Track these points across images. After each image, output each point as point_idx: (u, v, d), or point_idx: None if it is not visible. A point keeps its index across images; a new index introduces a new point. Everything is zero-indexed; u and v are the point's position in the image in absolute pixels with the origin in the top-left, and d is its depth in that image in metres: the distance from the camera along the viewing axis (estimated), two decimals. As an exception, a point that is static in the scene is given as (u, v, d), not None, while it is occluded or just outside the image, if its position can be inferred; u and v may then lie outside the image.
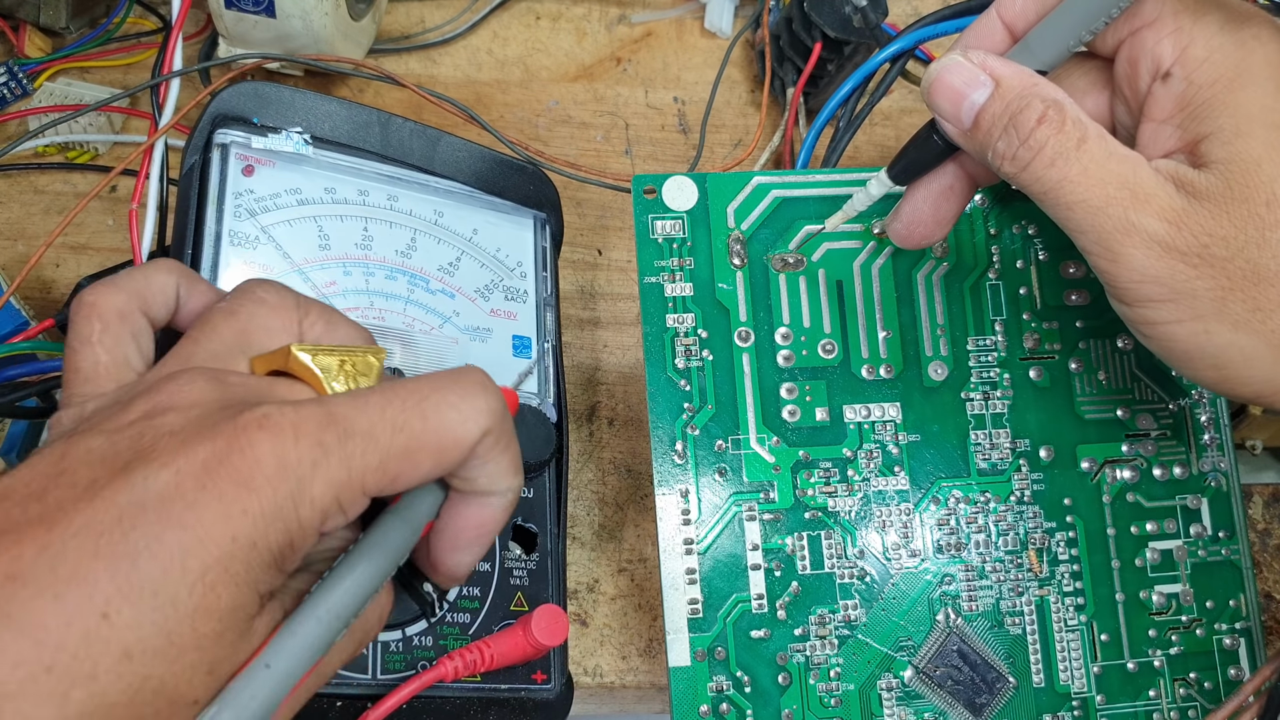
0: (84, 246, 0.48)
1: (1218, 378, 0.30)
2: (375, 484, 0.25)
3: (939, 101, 0.31)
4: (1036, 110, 0.29)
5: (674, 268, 0.38)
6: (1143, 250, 0.28)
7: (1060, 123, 0.29)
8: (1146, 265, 0.28)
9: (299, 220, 0.39)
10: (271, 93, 0.39)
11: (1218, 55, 0.29)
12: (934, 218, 0.34)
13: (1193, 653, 0.38)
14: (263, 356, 0.29)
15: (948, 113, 0.31)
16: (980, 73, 0.30)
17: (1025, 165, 0.29)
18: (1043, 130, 0.29)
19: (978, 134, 0.30)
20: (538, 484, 0.40)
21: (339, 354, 0.28)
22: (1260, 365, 0.29)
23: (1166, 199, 0.28)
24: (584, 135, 0.54)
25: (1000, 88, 0.30)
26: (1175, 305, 0.29)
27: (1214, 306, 0.28)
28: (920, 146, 0.33)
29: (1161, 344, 0.30)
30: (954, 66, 0.30)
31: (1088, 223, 0.29)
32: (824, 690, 0.36)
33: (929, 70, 0.31)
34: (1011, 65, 0.30)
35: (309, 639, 0.25)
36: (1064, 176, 0.29)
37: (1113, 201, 0.28)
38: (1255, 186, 0.28)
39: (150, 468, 0.23)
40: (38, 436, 0.41)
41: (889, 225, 0.35)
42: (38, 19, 0.50)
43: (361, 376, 0.28)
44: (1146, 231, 0.28)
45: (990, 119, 0.30)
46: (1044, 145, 0.29)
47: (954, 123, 0.31)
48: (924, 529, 0.38)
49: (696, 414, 0.37)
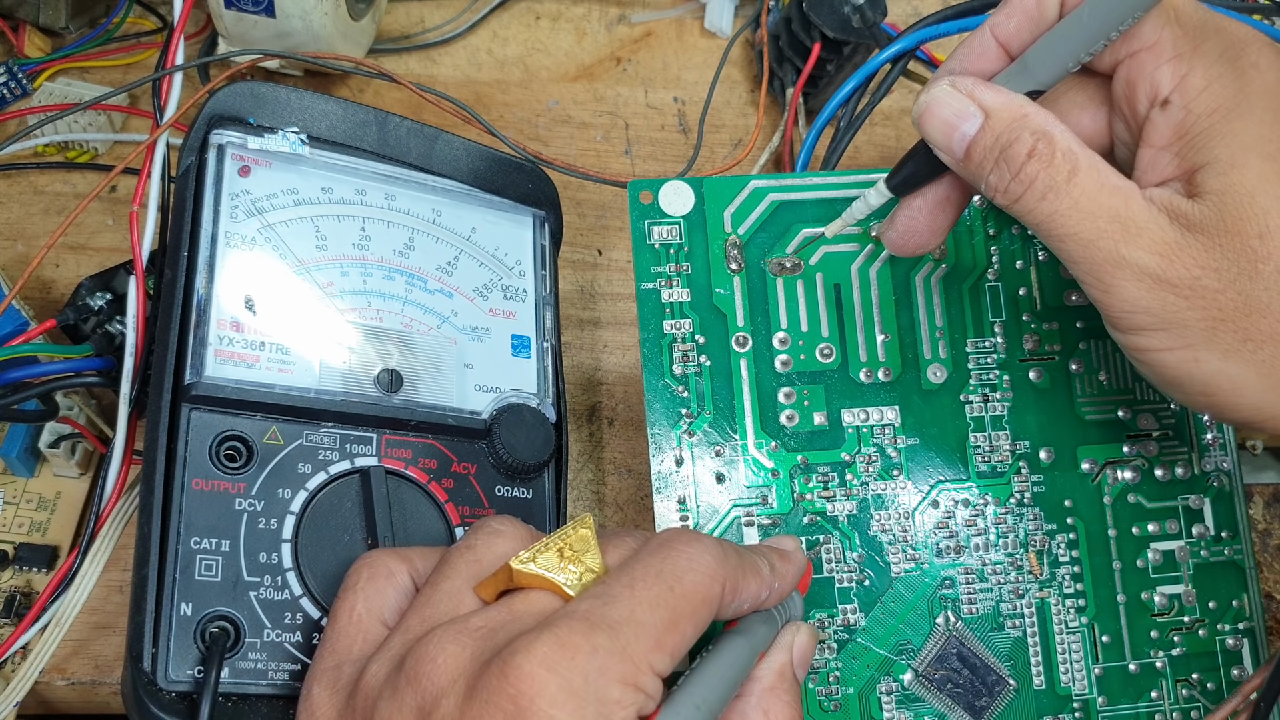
0: (84, 246, 0.48)
1: (1208, 404, 0.30)
2: (660, 663, 0.26)
3: (931, 132, 0.31)
4: (1026, 144, 0.29)
5: (671, 273, 0.38)
6: (1133, 283, 0.29)
7: (1050, 156, 0.29)
8: (1137, 297, 0.29)
9: (296, 220, 0.38)
10: (267, 92, 0.39)
11: (1216, 85, 0.29)
12: (929, 227, 0.34)
13: (1195, 653, 0.38)
14: (485, 582, 0.29)
15: (940, 143, 0.31)
16: (969, 103, 0.30)
17: (1017, 198, 0.29)
18: (1033, 164, 0.29)
19: (970, 165, 0.30)
20: (537, 485, 0.40)
21: (554, 545, 0.29)
22: (1250, 393, 0.29)
23: (1158, 231, 0.29)
24: (584, 135, 0.54)
25: (990, 120, 0.30)
26: (1166, 334, 0.29)
27: (1204, 336, 0.29)
28: (919, 160, 0.33)
29: (1153, 370, 0.30)
30: (943, 98, 0.30)
31: (1079, 255, 0.29)
32: (823, 694, 0.36)
33: (919, 99, 0.31)
34: (1001, 94, 0.30)
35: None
36: (1055, 210, 0.29)
37: (1103, 235, 0.29)
38: (1248, 219, 0.28)
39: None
40: (38, 437, 0.41)
41: (884, 234, 0.35)
42: (37, 19, 0.50)
43: (584, 554, 0.29)
44: (1137, 265, 0.28)
45: (981, 151, 0.30)
46: (1034, 179, 0.29)
47: (947, 152, 0.31)
48: (923, 532, 0.38)
49: (695, 420, 0.37)
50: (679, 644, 0.27)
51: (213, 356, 0.35)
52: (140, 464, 0.35)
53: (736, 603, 0.30)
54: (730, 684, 0.29)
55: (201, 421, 0.35)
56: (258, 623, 0.34)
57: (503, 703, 0.24)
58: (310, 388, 0.36)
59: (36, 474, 0.43)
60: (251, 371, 0.36)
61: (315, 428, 0.36)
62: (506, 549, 0.30)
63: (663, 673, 0.27)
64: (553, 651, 0.25)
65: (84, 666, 0.40)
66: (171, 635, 0.32)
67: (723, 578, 0.29)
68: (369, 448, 0.37)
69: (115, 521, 0.39)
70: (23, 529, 0.42)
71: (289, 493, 0.35)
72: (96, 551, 0.39)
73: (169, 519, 0.34)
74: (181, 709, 0.32)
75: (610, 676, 0.25)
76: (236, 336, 0.36)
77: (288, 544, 0.35)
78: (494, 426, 0.39)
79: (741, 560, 0.30)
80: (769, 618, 0.32)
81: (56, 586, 0.38)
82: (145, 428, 0.35)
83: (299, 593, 0.35)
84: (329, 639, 0.31)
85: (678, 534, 0.29)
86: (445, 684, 0.26)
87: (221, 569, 0.34)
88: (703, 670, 0.29)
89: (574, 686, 0.24)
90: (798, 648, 0.32)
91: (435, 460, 0.38)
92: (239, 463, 0.35)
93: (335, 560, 0.35)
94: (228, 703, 0.33)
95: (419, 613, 0.29)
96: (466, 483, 0.38)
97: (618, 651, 0.25)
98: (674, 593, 0.27)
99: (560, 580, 0.28)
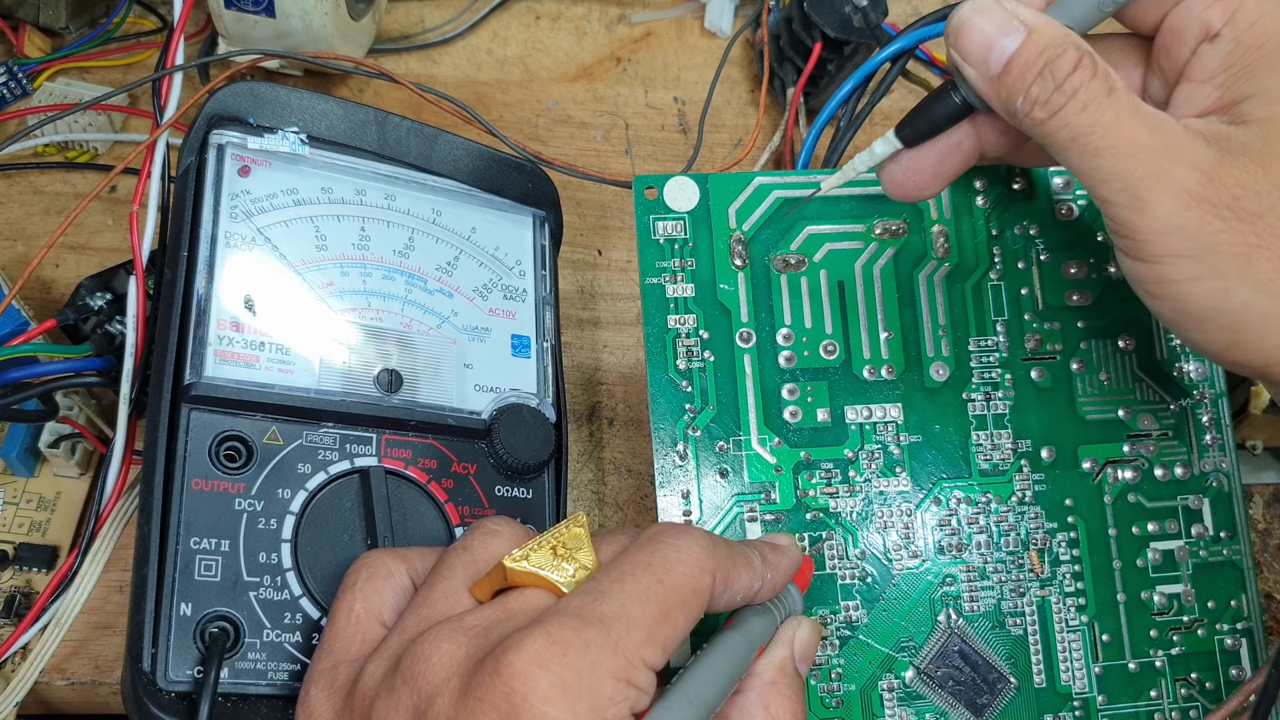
0: (83, 246, 0.48)
1: (1229, 341, 0.29)
2: (652, 656, 0.26)
3: (968, 44, 0.30)
4: (1072, 57, 0.28)
5: (675, 269, 0.38)
6: (1171, 199, 0.28)
7: (1093, 70, 0.28)
8: (1173, 215, 0.28)
9: (296, 221, 0.38)
10: (267, 92, 0.39)
11: (1268, 18, 0.29)
12: (934, 170, 0.33)
13: (1194, 653, 0.38)
14: (480, 582, 0.30)
15: (975, 57, 0.30)
16: (1013, 18, 0.29)
17: (1057, 109, 0.29)
18: (1078, 75, 0.28)
19: (1007, 79, 0.29)
20: (536, 485, 0.40)
21: (548, 544, 0.29)
22: (1276, 331, 0.28)
23: (1199, 150, 0.28)
24: (584, 135, 0.54)
25: (1034, 34, 0.29)
26: (1196, 261, 0.28)
27: (1238, 264, 0.28)
28: (934, 106, 0.32)
29: (1174, 304, 0.29)
30: (986, 9, 0.29)
31: (1116, 170, 0.28)
32: (825, 691, 0.36)
33: (956, 13, 0.30)
34: (1042, 15, 0.29)
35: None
36: (1095, 121, 0.28)
37: (1144, 148, 0.28)
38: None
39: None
40: (38, 437, 0.41)
41: (884, 168, 0.34)
42: (37, 19, 0.50)
43: (578, 552, 0.29)
44: (1177, 180, 0.28)
45: (1023, 64, 0.29)
46: (1078, 90, 0.28)
47: (980, 68, 0.30)
48: (925, 530, 0.38)
49: (698, 415, 0.37)
50: (671, 636, 0.27)
51: (212, 356, 0.35)
52: (140, 464, 0.35)
53: (728, 594, 0.29)
54: (726, 679, 0.29)
55: (201, 421, 0.35)
56: (257, 623, 0.34)
57: (496, 700, 0.24)
58: (310, 388, 0.36)
59: (36, 474, 0.43)
60: (251, 371, 0.36)
61: (315, 428, 0.36)
62: (502, 549, 0.30)
63: (655, 666, 0.27)
64: (544, 648, 0.25)
65: (84, 666, 0.40)
66: (171, 635, 0.32)
67: (712, 568, 0.28)
68: (369, 448, 0.37)
69: (115, 521, 0.39)
70: (23, 529, 0.42)
71: (289, 493, 0.35)
72: (96, 551, 0.39)
73: (169, 519, 0.34)
74: (181, 709, 0.32)
75: (602, 672, 0.25)
76: (236, 336, 0.36)
77: (287, 544, 0.35)
78: (494, 426, 0.39)
79: (731, 551, 0.30)
80: (765, 612, 0.32)
81: (56, 586, 0.38)
82: (145, 428, 0.35)
83: (298, 593, 0.34)
84: (327, 639, 0.31)
85: (666, 527, 0.29)
86: (440, 682, 0.26)
87: (221, 569, 0.34)
88: (697, 666, 0.29)
89: (566, 683, 0.24)
90: (799, 642, 0.31)
91: (435, 460, 0.38)
92: (239, 463, 0.35)
93: (335, 560, 0.35)
94: (227, 703, 0.33)
95: (416, 613, 0.29)
96: (466, 483, 0.38)
97: (609, 646, 0.25)
98: (664, 585, 0.27)
99: (554, 578, 0.28)
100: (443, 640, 0.27)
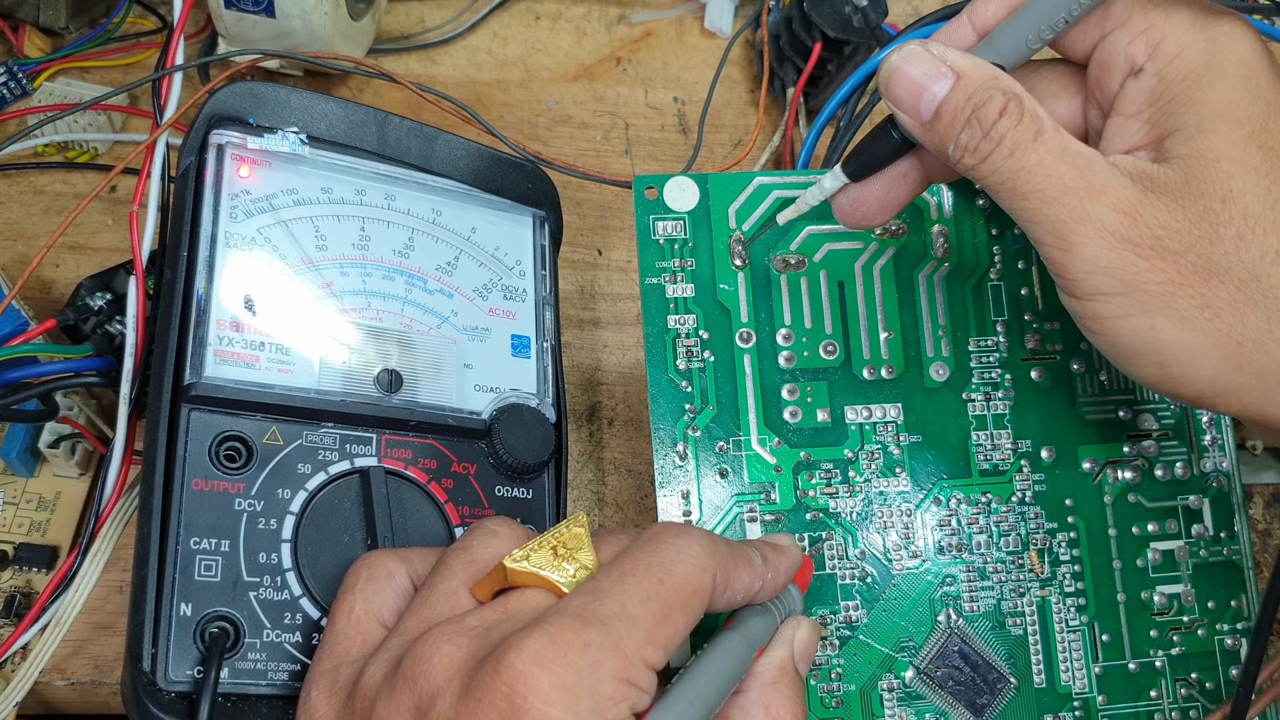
0: (83, 246, 0.48)
1: (1160, 375, 0.29)
2: (652, 656, 0.26)
3: (898, 93, 0.30)
4: (998, 103, 0.29)
5: (675, 269, 0.38)
6: (1095, 240, 0.28)
7: (1019, 114, 0.29)
8: (1098, 256, 0.28)
9: (295, 221, 0.38)
10: (267, 92, 0.39)
11: (1189, 51, 0.29)
12: (880, 202, 0.33)
13: (1194, 653, 0.38)
14: (481, 582, 0.30)
15: (906, 105, 0.30)
16: (940, 64, 0.30)
17: (985, 156, 0.29)
18: (1004, 121, 0.29)
19: (938, 126, 0.30)
20: (536, 485, 0.40)
21: (548, 544, 0.29)
22: (1204, 364, 0.29)
23: (1122, 191, 0.28)
24: (584, 135, 0.54)
25: (961, 80, 0.29)
26: (1123, 299, 0.29)
27: (1162, 301, 0.28)
28: (876, 143, 0.32)
29: (1107, 339, 0.30)
30: (913, 58, 0.30)
31: (1042, 212, 0.29)
32: (825, 691, 0.36)
33: (886, 62, 0.30)
34: (970, 58, 0.30)
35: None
36: (1021, 166, 0.29)
37: (1068, 191, 0.28)
38: (1212, 183, 0.28)
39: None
40: (38, 437, 0.41)
41: (834, 200, 0.34)
42: (37, 19, 0.50)
43: (579, 552, 0.29)
44: (1100, 221, 0.28)
45: (952, 112, 0.29)
46: (1004, 136, 0.29)
47: (912, 115, 0.30)
48: (925, 530, 0.38)
49: (698, 415, 0.37)
50: (671, 636, 0.27)
51: (212, 356, 0.35)
52: (140, 464, 0.35)
53: (729, 594, 0.30)
54: (726, 679, 0.29)
55: (201, 421, 0.35)
56: (257, 623, 0.34)
57: (496, 700, 0.24)
58: (310, 388, 0.36)
59: (36, 474, 0.43)
60: (251, 371, 0.36)
61: (315, 428, 0.36)
62: (502, 549, 0.30)
63: (656, 666, 0.27)
64: (545, 649, 0.25)
65: (84, 666, 0.40)
66: (171, 635, 0.32)
67: (713, 568, 0.29)
68: (369, 448, 0.37)
69: (115, 521, 0.39)
70: (23, 529, 0.42)
71: (289, 493, 0.35)
72: (96, 551, 0.39)
73: (169, 519, 0.34)
74: (181, 709, 0.32)
75: (603, 672, 0.25)
76: (236, 336, 0.36)
77: (287, 544, 0.35)
78: (494, 426, 0.39)
79: (732, 551, 0.30)
80: (765, 612, 0.32)
81: (56, 586, 0.38)
82: (145, 428, 0.35)
83: (299, 593, 0.34)
84: (328, 640, 0.31)
85: (666, 527, 0.29)
86: (441, 683, 0.26)
87: (221, 569, 0.34)
88: (697, 666, 0.29)
89: (567, 683, 0.24)
90: (799, 642, 0.31)
91: (435, 460, 0.38)
92: (239, 463, 0.35)
93: (335, 560, 0.35)
94: (227, 703, 0.32)
95: (416, 614, 0.29)
96: (466, 483, 0.38)
97: (610, 646, 0.25)
98: (664, 585, 0.27)
99: (554, 578, 0.29)
100: (443, 641, 0.27)
